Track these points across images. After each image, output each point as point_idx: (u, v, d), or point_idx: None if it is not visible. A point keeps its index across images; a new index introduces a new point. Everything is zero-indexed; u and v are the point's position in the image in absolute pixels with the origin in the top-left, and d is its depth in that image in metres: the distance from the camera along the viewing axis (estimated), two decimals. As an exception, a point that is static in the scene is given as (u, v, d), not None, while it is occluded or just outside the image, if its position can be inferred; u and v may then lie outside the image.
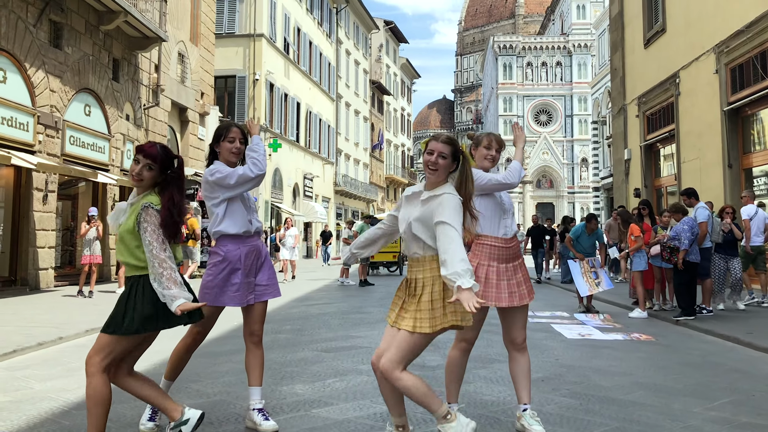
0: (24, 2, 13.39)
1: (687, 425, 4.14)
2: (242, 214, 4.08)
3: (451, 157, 3.29)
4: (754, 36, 13.74)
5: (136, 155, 3.39)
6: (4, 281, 13.47)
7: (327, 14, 42.90)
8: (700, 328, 8.69)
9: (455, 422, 3.14)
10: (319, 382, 5.25)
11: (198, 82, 23.16)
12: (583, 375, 5.68)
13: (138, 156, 3.37)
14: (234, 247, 4.03)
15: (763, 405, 4.73)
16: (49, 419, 4.27)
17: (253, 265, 4.08)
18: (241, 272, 4.00)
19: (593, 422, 4.17)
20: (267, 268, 4.16)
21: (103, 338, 3.24)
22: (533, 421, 3.83)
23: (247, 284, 4.02)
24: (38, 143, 13.85)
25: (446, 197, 3.19)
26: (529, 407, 3.91)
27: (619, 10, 22.49)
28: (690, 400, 4.81)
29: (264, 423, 3.88)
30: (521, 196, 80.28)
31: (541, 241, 19.22)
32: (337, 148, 45.23)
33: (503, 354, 5.56)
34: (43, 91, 14.03)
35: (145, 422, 3.90)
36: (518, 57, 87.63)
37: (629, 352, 7.08)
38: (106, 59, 16.78)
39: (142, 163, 3.34)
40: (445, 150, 3.28)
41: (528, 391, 3.94)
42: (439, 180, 3.29)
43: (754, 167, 14.66)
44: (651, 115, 19.88)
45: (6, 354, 6.53)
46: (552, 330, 8.68)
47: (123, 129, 17.63)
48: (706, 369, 6.09)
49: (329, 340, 7.51)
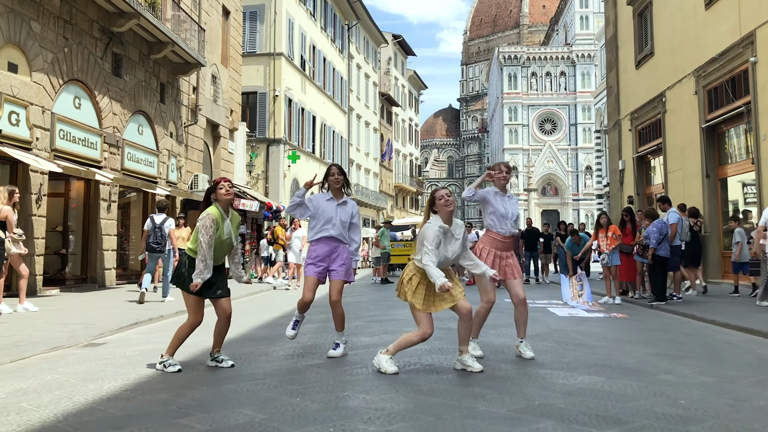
0: (94, 38, 15.58)
1: (630, 355, 6.22)
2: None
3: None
4: (726, 63, 15.80)
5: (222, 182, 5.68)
6: (77, 279, 15.63)
7: (339, 31, 45.15)
8: (668, 310, 10.78)
9: (466, 355, 5.30)
10: (377, 336, 7.38)
11: (228, 100, 25.34)
12: (566, 334, 7.77)
13: (223, 183, 5.68)
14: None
15: (687, 347, 6.82)
16: (204, 353, 6.34)
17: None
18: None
19: (566, 354, 6.26)
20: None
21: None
22: (526, 349, 5.93)
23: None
24: (104, 159, 16.01)
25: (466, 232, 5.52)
26: (524, 341, 6.01)
27: (614, 33, 24.60)
28: (638, 345, 6.90)
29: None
30: (526, 203, 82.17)
31: (534, 244, 19.87)
32: (349, 158, 47.38)
33: (508, 323, 7.65)
34: (107, 115, 16.21)
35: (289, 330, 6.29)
36: (523, 67, 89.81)
37: (605, 323, 9.19)
38: (155, 84, 18.97)
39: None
40: (448, 192, 5.51)
41: (524, 330, 6.04)
42: (452, 215, 5.43)
43: (729, 177, 16.71)
44: (642, 130, 21.95)
45: (132, 324, 8.67)
46: (547, 311, 10.80)
47: (168, 145, 19.81)
48: (658, 332, 8.18)
49: (373, 316, 9.63)
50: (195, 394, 4.53)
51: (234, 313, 5.85)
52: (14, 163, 12.93)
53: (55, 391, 4.69)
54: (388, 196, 59.76)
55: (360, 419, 3.83)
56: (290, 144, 34.36)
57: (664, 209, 12.62)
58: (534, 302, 12.23)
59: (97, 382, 4.97)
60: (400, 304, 11.61)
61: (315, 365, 5.54)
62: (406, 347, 5.32)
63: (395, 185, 63.96)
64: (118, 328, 8.34)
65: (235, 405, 4.19)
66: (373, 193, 53.14)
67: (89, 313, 10.06)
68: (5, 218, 9.40)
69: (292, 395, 4.44)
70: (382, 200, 55.93)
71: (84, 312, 10.15)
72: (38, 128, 13.46)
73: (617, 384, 4.81)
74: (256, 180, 32.37)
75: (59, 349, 6.79)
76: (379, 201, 54.50)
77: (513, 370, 5.34)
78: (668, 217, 12.27)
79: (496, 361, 5.78)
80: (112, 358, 6.18)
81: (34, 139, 13.33)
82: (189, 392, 4.58)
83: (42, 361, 6.04)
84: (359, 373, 5.24)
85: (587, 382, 4.89)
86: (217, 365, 5.54)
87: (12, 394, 4.59)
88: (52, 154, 13.90)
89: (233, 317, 5.69)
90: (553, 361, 5.81)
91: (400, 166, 66.85)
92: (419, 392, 4.53)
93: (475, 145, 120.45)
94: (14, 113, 12.73)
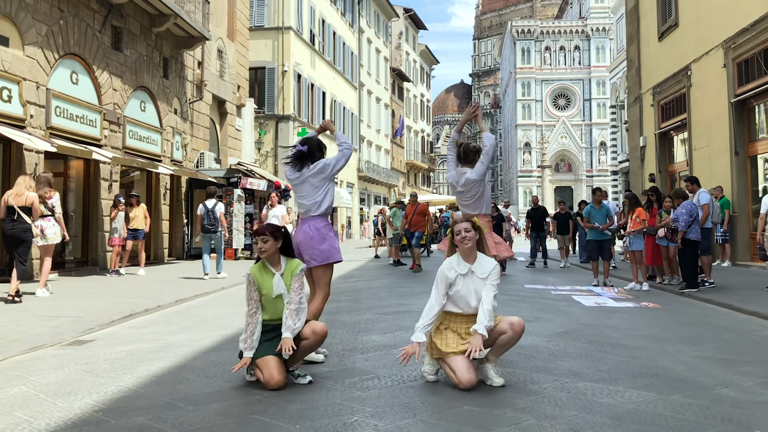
0: (91, 10, 14.83)
1: (676, 360, 5.50)
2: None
3: (474, 230, 4.74)
4: (758, 34, 14.90)
5: (255, 238, 4.84)
6: (77, 262, 15.04)
7: (349, 4, 44.15)
8: (701, 298, 10.03)
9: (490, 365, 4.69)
10: (389, 334, 6.68)
11: (235, 76, 24.57)
12: (598, 330, 7.05)
13: (256, 238, 4.80)
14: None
15: (737, 348, 6.10)
16: (197, 357, 5.70)
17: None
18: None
19: (604, 358, 5.55)
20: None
21: None
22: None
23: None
24: (104, 138, 15.33)
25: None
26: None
27: (635, 4, 23.58)
28: (682, 345, 6.17)
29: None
30: (540, 179, 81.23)
31: (541, 224, 18.53)
32: (360, 135, 46.58)
33: (534, 317, 6.94)
34: (107, 91, 15.50)
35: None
36: (536, 41, 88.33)
37: (638, 315, 8.46)
38: (158, 58, 18.24)
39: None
40: (468, 225, 4.72)
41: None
42: (473, 251, 4.72)
43: (759, 155, 15.86)
44: (665, 105, 21.05)
45: (125, 317, 8.03)
46: (572, 300, 10.06)
47: (172, 122, 19.10)
48: (699, 326, 7.45)
49: (385, 307, 8.94)
50: (177, 416, 3.86)
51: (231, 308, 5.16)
52: (7, 142, 12.29)
53: (16, 411, 4.03)
54: (400, 173, 58.97)
55: (371, 459, 3.14)
56: (300, 120, 33.61)
57: (692, 190, 11.82)
58: (556, 289, 11.53)
59: (68, 398, 4.31)
60: (414, 291, 10.93)
61: (318, 374, 4.86)
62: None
63: (407, 162, 63.15)
64: (110, 321, 7.70)
65: (223, 435, 3.53)
66: (384, 170, 52.37)
67: (83, 301, 9.44)
68: (31, 204, 9.58)
69: (291, 420, 3.76)
70: (394, 177, 55.16)
71: (78, 300, 9.53)
72: (32, 105, 12.79)
73: (672, 403, 4.10)
74: (265, 158, 31.70)
75: (40, 348, 6.15)
76: (390, 178, 53.75)
77: (548, 383, 4.63)
78: (699, 197, 11.49)
79: (526, 369, 5.07)
80: (95, 362, 5.52)
81: (28, 117, 12.67)
82: (170, 414, 3.91)
83: (17, 366, 5.40)
84: (370, 386, 4.54)
85: (637, 400, 4.17)
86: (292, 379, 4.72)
87: (-37, 416, 3.94)
88: (48, 132, 13.24)
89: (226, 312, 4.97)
90: (591, 369, 5.10)
91: (411, 142, 65.99)
92: (440, 417, 3.83)
93: (487, 121, 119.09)
94: (6, 89, 12.06)
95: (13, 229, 9.43)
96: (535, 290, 11.62)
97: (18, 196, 9.51)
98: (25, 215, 9.49)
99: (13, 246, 9.62)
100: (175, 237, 19.73)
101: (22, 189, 9.60)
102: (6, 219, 9.49)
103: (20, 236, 9.45)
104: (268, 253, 4.73)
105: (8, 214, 9.46)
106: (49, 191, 10.22)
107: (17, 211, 9.43)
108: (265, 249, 4.71)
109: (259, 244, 4.73)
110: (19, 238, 9.45)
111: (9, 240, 9.64)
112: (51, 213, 10.14)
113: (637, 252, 11.78)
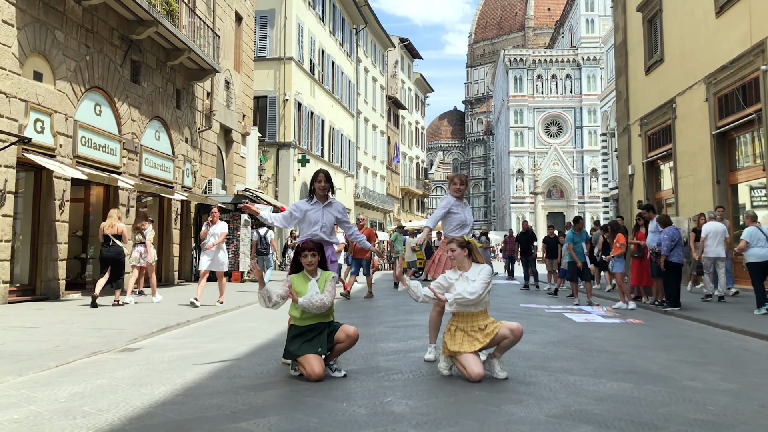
0: (114, 46, 15.84)
1: (653, 361, 6.43)
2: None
3: (460, 248, 5.75)
4: (737, 71, 16.02)
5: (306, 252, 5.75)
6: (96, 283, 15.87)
7: (348, 35, 45.43)
8: (682, 315, 11.00)
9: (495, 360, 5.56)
10: (403, 342, 7.60)
11: (240, 105, 25.60)
12: (587, 340, 7.99)
13: (306, 252, 5.73)
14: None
15: (707, 354, 7.05)
16: (241, 359, 6.58)
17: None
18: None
19: (591, 360, 6.47)
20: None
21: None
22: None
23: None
24: (123, 165, 16.26)
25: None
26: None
27: (623, 39, 24.80)
28: (659, 352, 7.11)
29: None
30: (533, 206, 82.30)
31: (529, 248, 19.37)
32: (356, 161, 47.63)
33: (529, 329, 7.88)
34: (126, 121, 16.46)
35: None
36: (528, 70, 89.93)
37: (623, 328, 9.41)
38: (171, 90, 19.24)
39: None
40: (452, 246, 5.77)
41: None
42: (463, 263, 5.74)
43: (739, 183, 16.90)
44: (652, 135, 22.16)
45: (162, 329, 8.91)
46: (564, 317, 11.01)
47: (183, 150, 20.06)
48: (677, 338, 8.39)
49: (394, 322, 9.85)
50: (244, 399, 4.75)
51: (254, 323, 6.04)
52: (39, 170, 13.21)
53: (109, 395, 4.91)
54: (395, 199, 60.00)
55: (409, 424, 4.05)
56: (299, 148, 34.62)
57: (649, 217, 13.04)
58: (549, 308, 12.49)
59: (147, 387, 5.20)
60: (419, 308, 11.83)
61: (351, 371, 5.75)
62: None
63: (402, 188, 64.20)
64: (150, 333, 8.57)
65: (287, 410, 4.42)
66: (380, 196, 53.38)
67: (117, 317, 10.30)
68: (121, 233, 12.03)
69: (338, 401, 4.67)
70: (389, 203, 56.16)
71: (111, 317, 10.39)
72: (61, 135, 13.72)
73: (646, 390, 5.03)
74: (266, 183, 32.64)
75: (98, 353, 7.02)
76: (386, 204, 54.74)
77: (543, 377, 5.55)
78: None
79: (525, 367, 6.00)
80: (152, 364, 6.40)
81: (58, 146, 13.60)
82: (239, 398, 4.80)
83: (86, 366, 6.26)
84: (396, 378, 5.46)
85: (617, 388, 5.11)
86: (330, 373, 5.56)
87: (70, 398, 4.82)
88: (75, 160, 14.16)
89: (251, 326, 5.86)
90: (580, 367, 6.03)
91: (406, 168, 67.09)
92: (458, 398, 4.75)
93: (480, 148, 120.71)
94: (39, 121, 12.99)
95: (109, 252, 11.90)
96: (530, 309, 12.56)
97: (111, 227, 11.94)
98: (118, 241, 11.95)
99: (110, 265, 11.94)
100: (185, 260, 20.59)
101: (114, 221, 12.03)
102: (103, 245, 12.01)
103: (116, 258, 11.94)
104: (313, 266, 5.66)
105: (105, 242, 11.95)
106: (145, 224, 13.15)
107: (111, 238, 11.90)
108: (312, 262, 5.65)
109: (309, 258, 5.66)
110: (116, 260, 11.92)
111: (106, 261, 11.93)
112: (143, 240, 13.03)
113: (618, 274, 12.82)
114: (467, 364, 5.38)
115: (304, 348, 5.51)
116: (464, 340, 5.51)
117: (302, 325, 5.63)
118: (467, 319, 5.58)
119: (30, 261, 13.31)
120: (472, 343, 5.48)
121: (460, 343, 5.51)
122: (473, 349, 5.45)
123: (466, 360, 5.40)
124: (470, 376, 5.32)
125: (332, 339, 5.58)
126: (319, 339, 5.55)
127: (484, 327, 5.52)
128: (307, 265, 5.69)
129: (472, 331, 5.52)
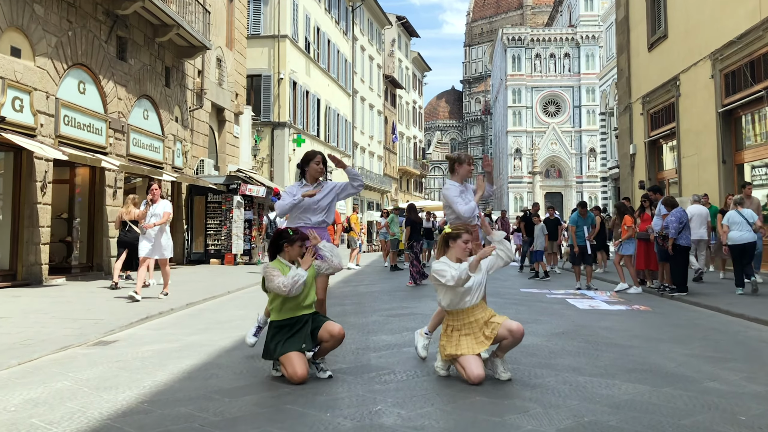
0: (98, 21, 15.20)
1: (667, 357, 5.93)
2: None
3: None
4: (745, 46, 15.43)
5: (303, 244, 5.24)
6: (83, 267, 15.36)
7: (344, 12, 44.61)
8: (689, 301, 10.50)
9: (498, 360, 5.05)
10: (398, 334, 7.10)
11: (233, 84, 24.95)
12: (593, 331, 7.49)
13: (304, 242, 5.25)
14: None
15: (724, 346, 6.54)
16: (221, 355, 6.08)
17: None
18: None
19: (601, 356, 5.97)
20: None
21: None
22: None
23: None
24: (109, 146, 15.68)
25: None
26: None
27: (625, 15, 24.14)
28: (672, 345, 6.61)
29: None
30: (530, 185, 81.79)
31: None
32: (353, 141, 46.99)
33: (533, 319, 7.37)
34: (112, 99, 15.86)
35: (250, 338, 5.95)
36: (527, 49, 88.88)
37: (630, 317, 8.90)
38: (160, 68, 18.61)
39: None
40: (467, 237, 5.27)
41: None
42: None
43: (746, 162, 16.37)
44: (654, 114, 21.58)
45: (142, 319, 8.40)
46: (567, 303, 10.51)
47: (173, 130, 19.47)
48: (688, 328, 7.89)
49: (389, 309, 9.35)
50: (217, 407, 4.24)
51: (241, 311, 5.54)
52: (18, 150, 12.64)
53: (67, 402, 4.41)
54: (393, 179, 59.40)
55: (399, 441, 3.55)
56: (295, 127, 34.00)
57: (656, 198, 12.55)
58: (551, 293, 11.99)
59: (112, 392, 4.69)
60: (414, 294, 11.36)
61: (337, 370, 5.25)
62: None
63: (399, 168, 63.60)
64: (129, 323, 8.06)
65: (263, 421, 3.92)
66: (377, 177, 52.79)
67: (98, 304, 9.80)
68: (137, 218, 11.76)
69: (321, 410, 4.16)
70: (387, 183, 55.58)
71: (92, 304, 9.88)
72: (42, 114, 13.14)
73: (664, 394, 4.52)
74: (260, 164, 32.05)
75: (69, 348, 6.52)
76: (383, 184, 54.17)
77: (550, 377, 5.05)
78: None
79: (529, 365, 5.49)
80: (125, 360, 5.90)
81: (39, 126, 13.02)
82: (211, 405, 4.29)
83: (52, 364, 5.76)
84: (389, 380, 4.96)
85: (632, 391, 4.60)
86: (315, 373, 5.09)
87: (22, 406, 4.31)
88: (57, 140, 13.59)
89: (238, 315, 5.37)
90: (589, 365, 5.52)
91: (404, 148, 66.45)
92: (457, 406, 4.25)
93: (478, 127, 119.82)
94: (18, 99, 12.41)
95: (126, 237, 12.09)
96: (531, 294, 12.07)
97: (128, 213, 12.09)
98: (134, 226, 11.90)
99: (127, 248, 12.11)
100: (176, 243, 19.97)
101: (130, 207, 12.14)
102: (121, 230, 12.30)
103: (134, 243, 11.62)
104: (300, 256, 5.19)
105: (122, 227, 12.24)
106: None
107: (129, 224, 12.07)
108: (302, 252, 5.21)
109: (302, 248, 5.20)
110: (133, 244, 11.69)
111: (124, 244, 12.17)
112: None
113: (626, 256, 12.36)
114: (467, 364, 4.87)
115: (286, 345, 4.99)
116: (462, 341, 5.00)
117: (282, 318, 5.12)
118: (461, 316, 5.08)
119: (11, 245, 12.77)
120: (471, 344, 4.98)
121: (456, 345, 5.00)
122: (473, 351, 4.94)
123: (466, 360, 4.89)
124: (469, 378, 4.81)
125: (316, 335, 5.07)
126: (302, 333, 5.03)
127: (486, 321, 5.02)
128: (296, 255, 5.17)
129: (470, 328, 5.01)
